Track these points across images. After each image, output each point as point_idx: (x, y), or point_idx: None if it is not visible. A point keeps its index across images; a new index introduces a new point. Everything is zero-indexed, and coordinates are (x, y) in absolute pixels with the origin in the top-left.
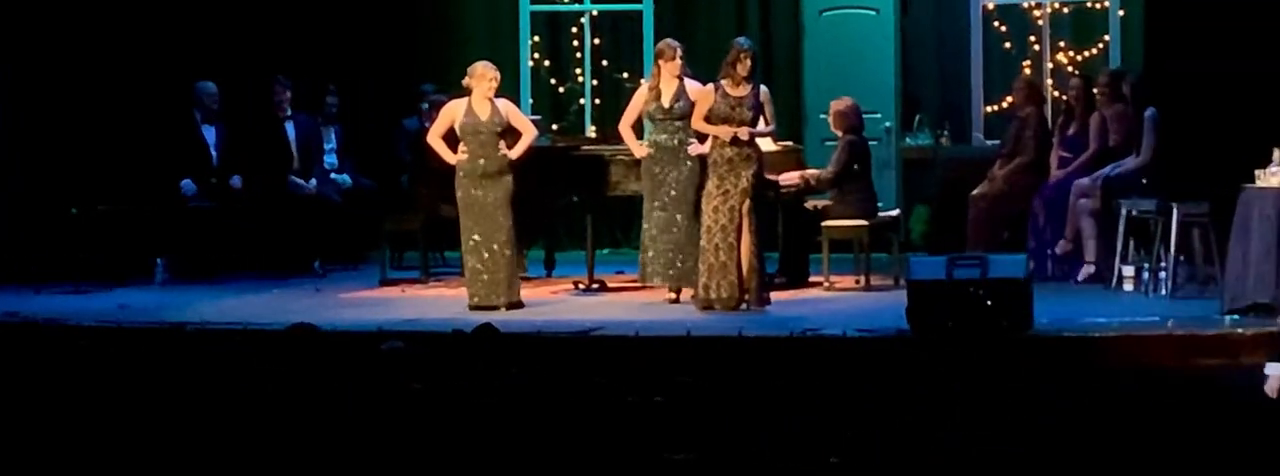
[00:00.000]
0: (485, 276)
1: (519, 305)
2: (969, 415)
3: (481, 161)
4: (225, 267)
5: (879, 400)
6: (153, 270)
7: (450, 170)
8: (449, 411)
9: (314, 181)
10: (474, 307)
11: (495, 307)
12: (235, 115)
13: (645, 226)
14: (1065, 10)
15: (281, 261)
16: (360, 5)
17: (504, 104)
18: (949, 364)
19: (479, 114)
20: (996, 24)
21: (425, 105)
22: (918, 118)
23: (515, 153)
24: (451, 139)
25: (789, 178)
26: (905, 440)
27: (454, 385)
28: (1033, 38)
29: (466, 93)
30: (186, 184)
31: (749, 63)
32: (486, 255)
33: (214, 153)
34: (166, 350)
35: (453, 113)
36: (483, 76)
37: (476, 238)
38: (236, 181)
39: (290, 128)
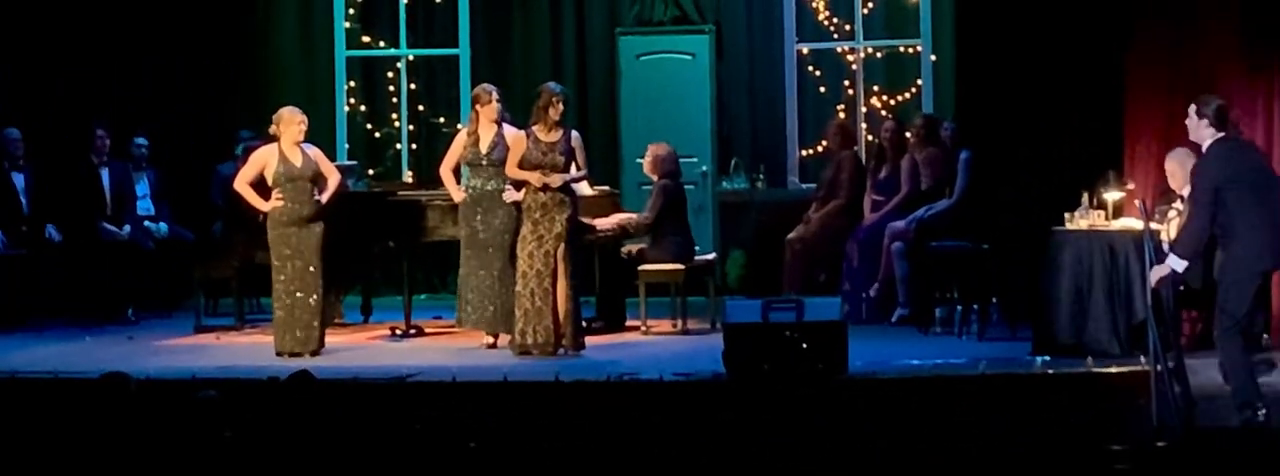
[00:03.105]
0: (292, 324)
1: (317, 352)
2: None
3: (296, 207)
4: (36, 315)
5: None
6: None
7: (262, 217)
8: (263, 460)
9: (128, 228)
10: (279, 354)
11: (299, 355)
12: (45, 161)
13: (462, 272)
14: (878, 55)
15: (94, 309)
16: (174, 50)
17: (312, 149)
18: (765, 407)
19: (292, 160)
20: (811, 68)
21: (240, 150)
22: (733, 161)
23: (325, 197)
24: (259, 186)
25: (606, 223)
26: None
27: (268, 433)
28: (847, 82)
29: (275, 139)
30: None
31: (562, 106)
32: (296, 303)
33: (24, 200)
34: None
35: (263, 160)
36: (290, 122)
37: (286, 285)
38: (51, 231)
39: (105, 174)
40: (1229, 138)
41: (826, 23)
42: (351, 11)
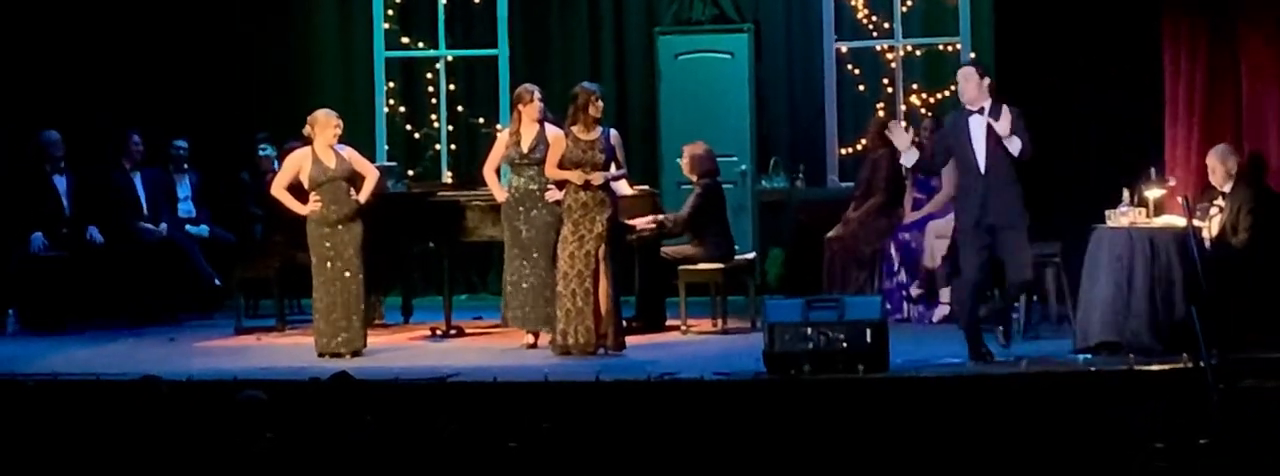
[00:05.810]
0: (333, 324)
1: (358, 353)
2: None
3: (334, 209)
4: (78, 317)
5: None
6: (3, 321)
7: (302, 217)
8: (303, 461)
9: (164, 226)
10: (321, 355)
11: (341, 356)
12: (83, 164)
13: (506, 271)
14: (918, 53)
15: (135, 311)
16: (214, 52)
17: (345, 150)
18: (806, 406)
19: (326, 163)
20: (850, 67)
21: (273, 152)
22: (773, 160)
23: (363, 196)
24: (298, 188)
25: (643, 221)
26: None
27: (309, 434)
28: (886, 80)
29: (308, 141)
30: (36, 237)
31: (600, 104)
32: (337, 303)
33: (65, 202)
34: (15, 403)
35: (297, 163)
36: (325, 124)
37: (328, 285)
38: (93, 233)
39: (138, 179)
40: None
41: (865, 21)
42: (391, 12)
